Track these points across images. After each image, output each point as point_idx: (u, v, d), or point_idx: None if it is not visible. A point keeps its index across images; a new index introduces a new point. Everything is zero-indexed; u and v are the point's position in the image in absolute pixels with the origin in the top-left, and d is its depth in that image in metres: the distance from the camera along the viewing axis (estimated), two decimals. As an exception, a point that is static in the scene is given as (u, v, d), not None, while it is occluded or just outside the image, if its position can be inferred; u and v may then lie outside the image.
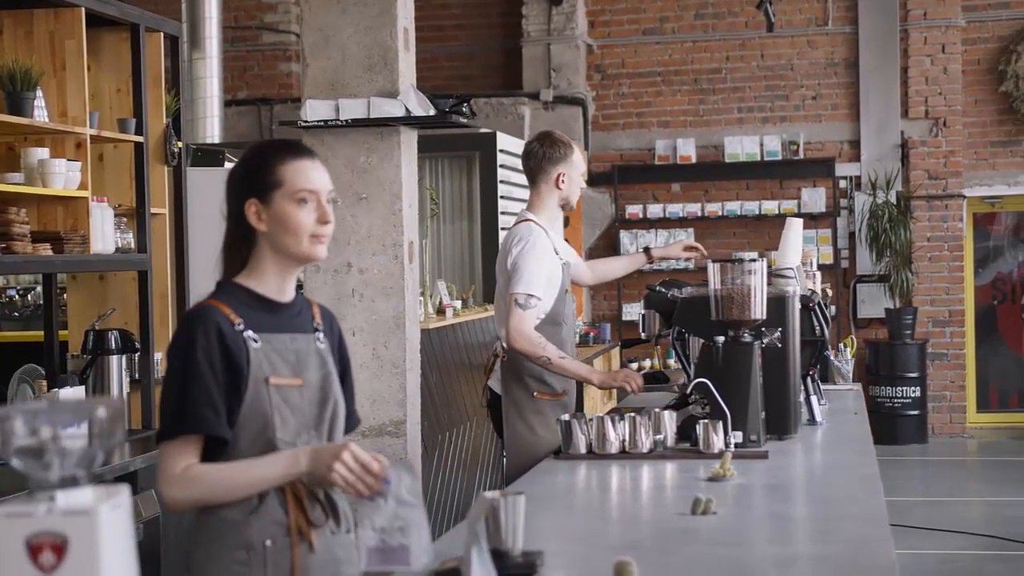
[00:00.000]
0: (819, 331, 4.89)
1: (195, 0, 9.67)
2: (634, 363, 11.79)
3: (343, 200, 5.21)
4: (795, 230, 5.34)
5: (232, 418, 2.59)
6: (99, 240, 5.08)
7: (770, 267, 4.81)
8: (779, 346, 4.27)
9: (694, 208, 12.14)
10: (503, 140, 9.68)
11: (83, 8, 5.05)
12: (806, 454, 4.30)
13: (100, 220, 5.11)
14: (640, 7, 12.45)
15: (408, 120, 5.40)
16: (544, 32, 12.37)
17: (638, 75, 12.47)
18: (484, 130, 9.67)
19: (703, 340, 4.28)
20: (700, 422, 4.02)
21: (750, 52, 12.30)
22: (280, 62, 12.45)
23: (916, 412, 11.67)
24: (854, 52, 12.13)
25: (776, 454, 4.10)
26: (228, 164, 7.19)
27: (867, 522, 3.15)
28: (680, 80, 12.41)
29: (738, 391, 4.08)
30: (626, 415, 4.07)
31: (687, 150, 12.18)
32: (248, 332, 2.62)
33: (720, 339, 4.18)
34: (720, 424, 4.00)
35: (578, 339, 8.49)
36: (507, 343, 4.84)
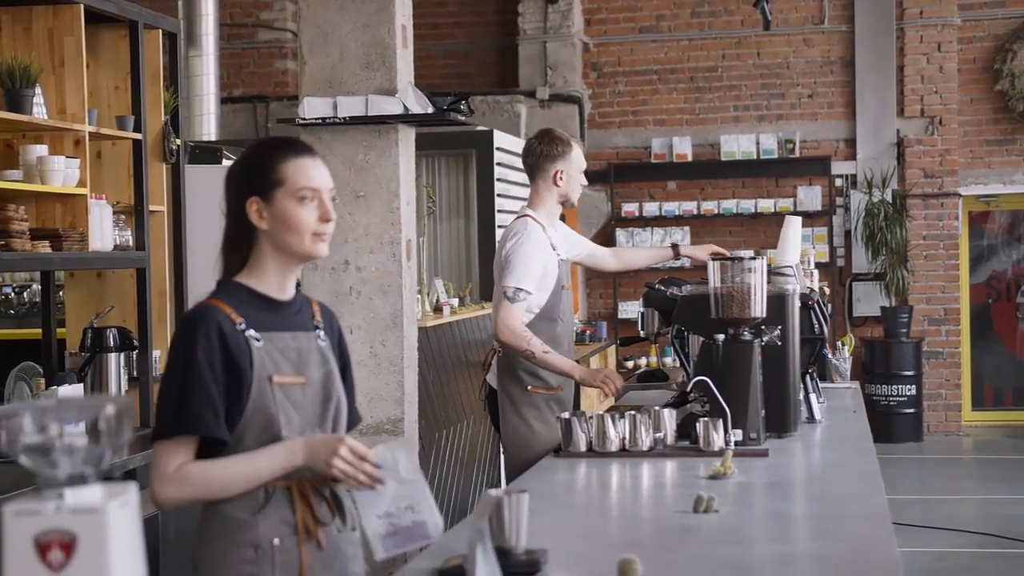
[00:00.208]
0: (818, 329, 4.89)
1: (191, -3, 9.65)
2: (630, 361, 11.79)
3: (341, 198, 5.21)
4: (794, 228, 5.33)
5: (233, 419, 2.59)
6: (97, 237, 5.08)
7: (769, 265, 4.81)
8: (779, 344, 4.27)
9: (690, 206, 12.13)
10: (499, 138, 9.68)
11: (82, 5, 5.05)
12: (806, 452, 4.30)
13: (98, 217, 5.10)
14: (636, 5, 12.44)
15: (406, 118, 5.40)
16: (540, 30, 12.36)
17: (634, 73, 12.46)
18: (481, 128, 9.65)
19: (703, 338, 4.28)
20: (700, 420, 4.02)
21: (746, 50, 12.30)
22: (276, 59, 12.43)
23: (912, 410, 11.68)
24: (850, 50, 12.13)
25: (776, 452, 4.11)
26: (226, 161, 7.18)
27: (869, 520, 3.15)
28: (676, 78, 12.40)
29: (738, 389, 4.08)
30: (626, 413, 4.07)
31: (683, 148, 12.17)
32: (250, 331, 2.62)
33: (720, 337, 4.17)
34: (720, 422, 4.00)
35: (575, 337, 8.47)
36: (494, 335, 4.87)
